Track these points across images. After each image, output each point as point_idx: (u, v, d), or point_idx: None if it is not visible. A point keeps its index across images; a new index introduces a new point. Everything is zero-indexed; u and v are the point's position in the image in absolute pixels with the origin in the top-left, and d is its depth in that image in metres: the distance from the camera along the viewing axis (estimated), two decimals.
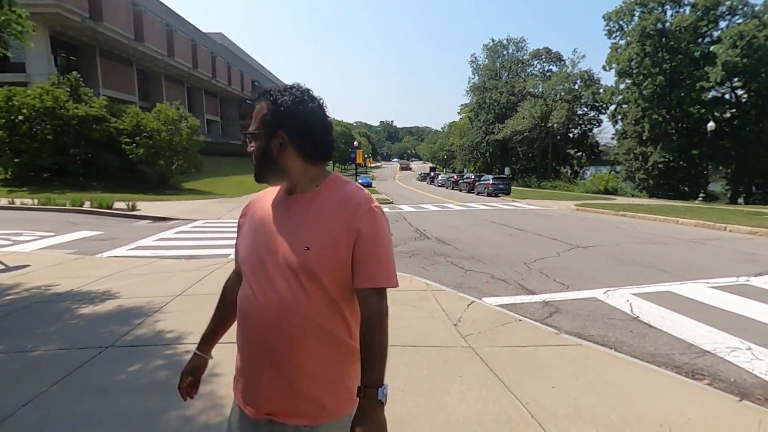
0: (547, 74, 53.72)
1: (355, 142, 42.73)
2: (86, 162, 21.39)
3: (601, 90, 45.86)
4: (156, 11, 35.57)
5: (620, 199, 24.99)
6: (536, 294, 5.26)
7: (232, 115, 55.41)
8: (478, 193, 31.65)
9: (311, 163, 1.13)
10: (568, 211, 17.27)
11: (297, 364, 1.07)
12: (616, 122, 38.55)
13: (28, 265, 6.64)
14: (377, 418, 1.03)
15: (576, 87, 46.68)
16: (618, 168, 38.82)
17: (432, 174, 60.22)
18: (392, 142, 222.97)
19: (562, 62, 52.98)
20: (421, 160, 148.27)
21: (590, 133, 51.84)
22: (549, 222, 13.29)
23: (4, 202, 14.75)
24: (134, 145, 21.67)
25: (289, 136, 1.09)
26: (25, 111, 19.45)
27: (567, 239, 9.56)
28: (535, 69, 56.53)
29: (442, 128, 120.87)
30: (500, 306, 4.69)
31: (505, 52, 62.05)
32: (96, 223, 11.92)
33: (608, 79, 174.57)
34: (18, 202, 14.67)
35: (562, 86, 46.88)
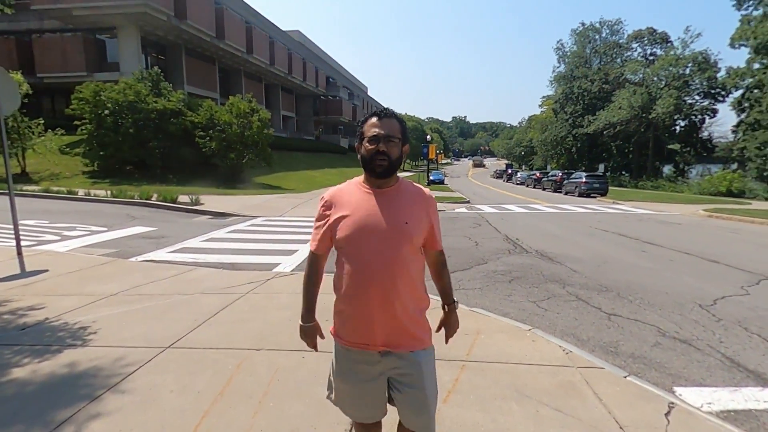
0: (650, 58, 47.07)
1: (428, 137, 40.50)
2: (164, 155, 21.70)
3: (718, 74, 38.96)
4: (236, 9, 36.22)
5: (757, 204, 20.20)
6: None
7: (306, 111, 55.88)
8: (566, 193, 27.97)
9: None
10: (698, 218, 13.72)
11: (401, 307, 1.51)
12: (742, 110, 32.11)
13: (46, 271, 5.63)
14: (456, 316, 1.77)
15: (687, 71, 40.13)
16: (743, 166, 32.39)
17: (509, 171, 56.09)
18: (464, 138, 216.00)
19: (669, 44, 46.04)
20: (495, 156, 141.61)
21: (701, 125, 44.50)
22: (684, 234, 10.23)
23: (81, 193, 14.90)
24: (207, 138, 21.61)
25: (405, 150, 1.60)
26: (110, 105, 20.04)
27: (736, 263, 6.73)
28: (635, 53, 49.88)
29: (519, 123, 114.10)
30: (725, 414, 2.45)
31: (597, 37, 55.84)
32: (154, 218, 11.22)
33: (732, 59, 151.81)
34: (93, 193, 14.71)
35: (667, 71, 40.60)
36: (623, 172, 47.06)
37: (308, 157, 39.41)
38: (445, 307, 1.76)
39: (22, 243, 7.74)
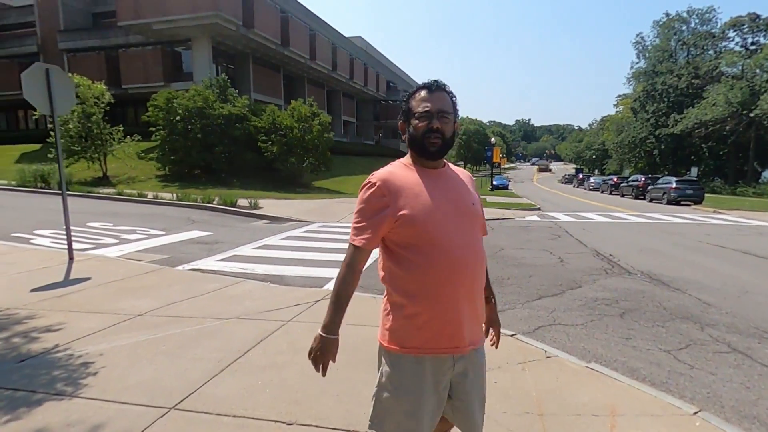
0: (752, 48, 41.44)
1: (492, 139, 38.58)
2: (229, 159, 22.22)
3: None
4: (301, 17, 36.93)
5: None
6: None
7: (366, 116, 56.06)
8: (651, 200, 24.97)
9: None
10: None
11: (480, 298, 1.39)
12: None
13: (89, 279, 5.27)
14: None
15: None
16: None
17: (580, 176, 52.20)
18: (528, 142, 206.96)
19: None
20: (561, 161, 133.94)
21: None
22: None
23: (150, 196, 15.36)
24: (269, 142, 21.79)
25: (456, 127, 1.43)
26: (180, 112, 20.83)
27: None
28: (732, 43, 44.22)
29: (589, 125, 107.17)
30: None
31: (684, 27, 50.49)
32: (213, 222, 11.04)
33: None
34: (159, 196, 15.09)
35: None
36: (715, 177, 41.73)
37: (367, 161, 39.16)
38: (491, 299, 1.58)
39: (82, 246, 7.71)
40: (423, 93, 1.36)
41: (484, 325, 1.51)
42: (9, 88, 31.24)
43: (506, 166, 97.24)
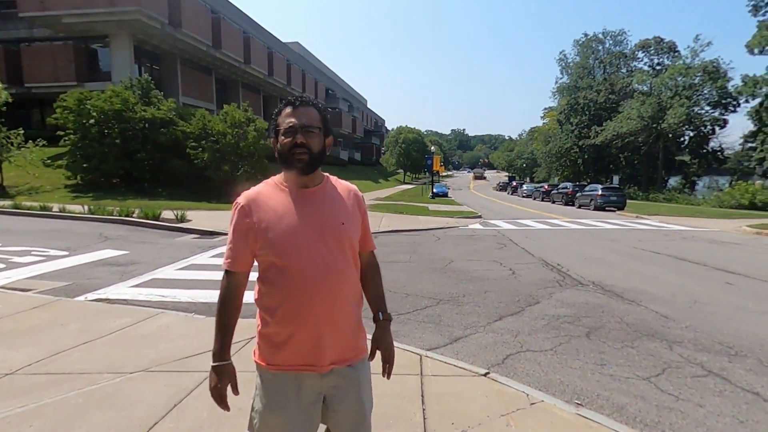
0: (657, 68, 46.16)
1: (432, 148, 39.21)
2: (153, 167, 20.26)
3: (730, 83, 37.93)
4: (234, 19, 35.21)
5: None
6: None
7: None
8: (580, 206, 26.54)
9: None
10: (749, 237, 12.22)
11: (347, 318, 1.35)
12: (760, 120, 30.92)
13: None
14: (390, 334, 1.50)
15: (697, 81, 39.06)
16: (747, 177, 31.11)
17: (513, 183, 54.84)
18: (463, 151, 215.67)
19: (677, 53, 45.16)
20: (494, 169, 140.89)
21: (711, 136, 43.31)
22: (754, 257, 8.72)
23: (56, 209, 13.37)
24: (200, 149, 20.17)
25: (328, 142, 1.39)
26: (95, 114, 18.64)
27: None
28: (641, 63, 49.01)
29: (519, 135, 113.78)
30: None
31: (600, 47, 55.27)
32: (131, 239, 9.69)
33: (746, 67, 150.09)
34: (68, 210, 13.18)
35: (676, 81, 39.58)
36: (630, 184, 45.78)
37: None
38: (380, 316, 1.50)
39: None
40: (288, 109, 1.35)
41: (370, 343, 1.48)
42: None
43: (444, 174, 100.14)
